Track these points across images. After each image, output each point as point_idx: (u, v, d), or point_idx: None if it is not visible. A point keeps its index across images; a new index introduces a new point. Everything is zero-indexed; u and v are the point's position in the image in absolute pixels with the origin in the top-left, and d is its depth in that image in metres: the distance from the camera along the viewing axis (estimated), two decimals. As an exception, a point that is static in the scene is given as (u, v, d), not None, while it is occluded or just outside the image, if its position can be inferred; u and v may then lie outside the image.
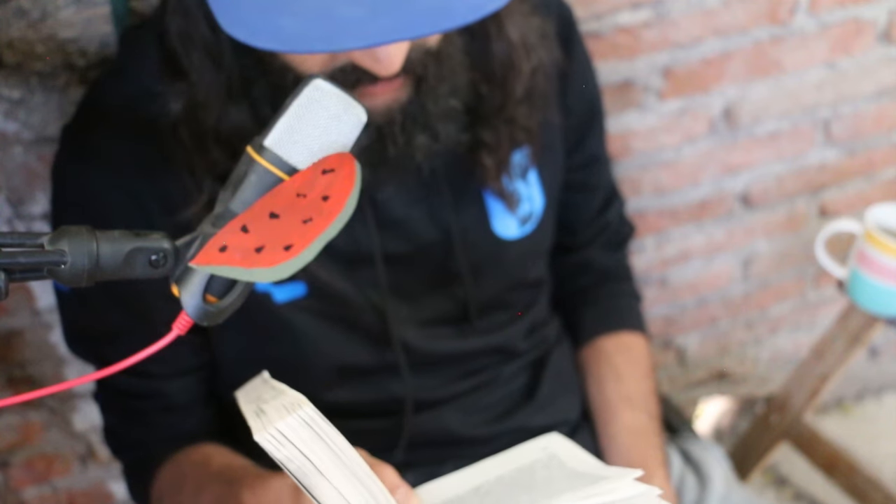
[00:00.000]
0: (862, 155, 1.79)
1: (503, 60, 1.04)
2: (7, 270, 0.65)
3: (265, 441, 0.72)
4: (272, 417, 0.73)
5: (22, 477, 1.47)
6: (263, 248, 0.67)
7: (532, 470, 0.93)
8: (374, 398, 1.12)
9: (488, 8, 0.79)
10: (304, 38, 0.78)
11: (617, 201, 1.29)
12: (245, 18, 0.79)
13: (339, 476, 0.73)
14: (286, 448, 0.72)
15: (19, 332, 1.35)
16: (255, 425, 0.74)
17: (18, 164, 1.23)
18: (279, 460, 0.73)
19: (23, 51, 1.14)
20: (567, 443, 0.96)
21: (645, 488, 0.80)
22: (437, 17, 0.78)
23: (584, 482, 0.84)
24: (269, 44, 0.78)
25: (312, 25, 0.78)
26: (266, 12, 0.78)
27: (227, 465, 1.05)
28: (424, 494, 0.94)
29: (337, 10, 0.78)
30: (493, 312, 1.15)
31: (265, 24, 0.78)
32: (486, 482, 0.94)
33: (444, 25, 0.79)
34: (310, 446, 0.72)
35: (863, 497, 1.64)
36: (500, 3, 0.79)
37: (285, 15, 0.78)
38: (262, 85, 0.95)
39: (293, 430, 0.72)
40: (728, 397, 1.96)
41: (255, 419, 0.77)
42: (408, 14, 0.77)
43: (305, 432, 0.72)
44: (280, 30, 0.78)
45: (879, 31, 1.66)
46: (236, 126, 0.95)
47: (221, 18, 0.80)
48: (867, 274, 1.39)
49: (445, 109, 0.98)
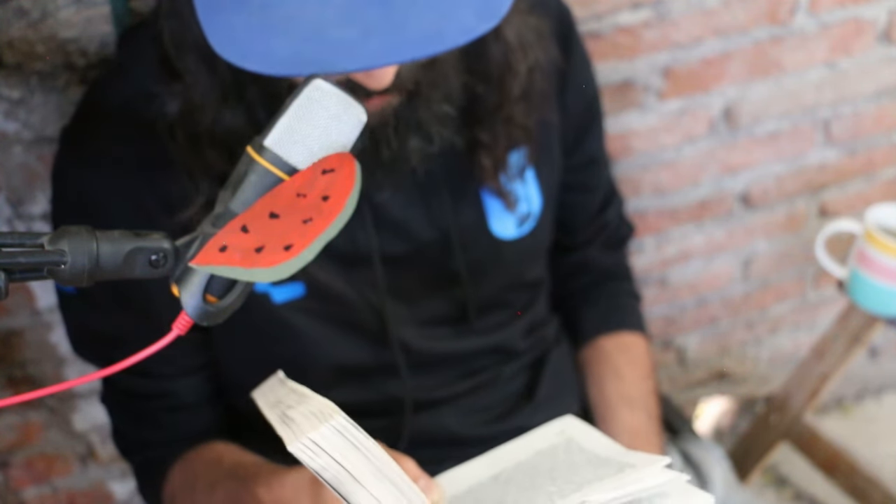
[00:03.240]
0: (862, 155, 1.79)
1: (499, 61, 1.04)
2: (7, 270, 0.65)
3: (299, 451, 0.72)
4: (303, 426, 0.74)
5: (22, 477, 1.47)
6: (263, 248, 0.67)
7: (553, 454, 0.92)
8: (373, 398, 1.12)
9: (479, 30, 0.80)
10: (296, 60, 0.78)
11: (616, 201, 1.29)
12: (237, 40, 0.79)
13: (375, 483, 0.74)
14: (321, 458, 0.72)
15: (19, 332, 1.35)
16: (286, 435, 0.75)
17: (18, 164, 1.23)
18: (314, 470, 0.73)
19: (23, 51, 1.14)
20: (583, 425, 0.95)
21: (674, 475, 0.80)
22: (428, 41, 0.79)
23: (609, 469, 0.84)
24: (261, 67, 0.79)
25: (304, 48, 0.78)
26: (258, 34, 0.79)
27: (239, 463, 1.05)
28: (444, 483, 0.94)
29: (329, 33, 0.78)
30: (491, 312, 1.15)
31: (257, 46, 0.79)
32: (505, 469, 0.93)
33: (435, 49, 0.79)
34: (344, 455, 0.73)
35: (863, 497, 1.64)
36: (491, 25, 0.80)
37: (277, 37, 0.78)
38: (256, 88, 0.95)
39: (327, 440, 0.72)
40: (728, 397, 1.96)
41: (283, 427, 0.77)
42: (399, 37, 0.78)
43: (339, 441, 0.72)
44: (272, 52, 0.78)
45: (879, 31, 1.66)
46: (231, 128, 0.95)
47: (213, 40, 0.80)
48: (867, 274, 1.39)
49: (439, 114, 0.99)
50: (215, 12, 0.80)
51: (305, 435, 0.72)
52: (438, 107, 0.98)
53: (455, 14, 0.79)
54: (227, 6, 0.80)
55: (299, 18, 0.78)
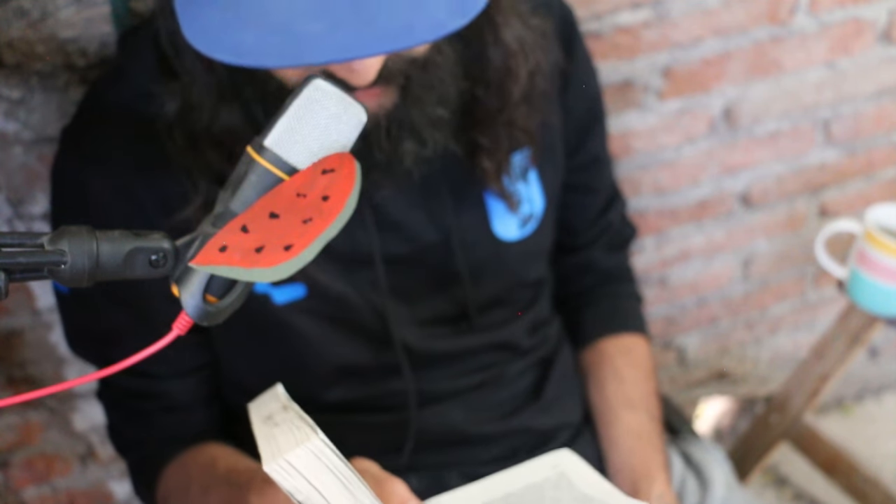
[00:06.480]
0: (862, 155, 1.79)
1: (499, 66, 1.03)
2: (7, 270, 0.65)
3: (273, 472, 0.73)
4: (282, 446, 0.74)
5: (22, 477, 1.47)
6: (263, 248, 0.67)
7: (541, 489, 0.93)
8: (378, 396, 1.12)
9: (450, 27, 0.80)
10: (262, 52, 0.79)
11: (619, 202, 1.29)
12: (208, 31, 0.80)
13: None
14: (294, 479, 0.73)
15: (19, 332, 1.35)
16: (265, 454, 0.75)
17: (18, 164, 1.23)
18: (287, 490, 0.74)
19: (23, 51, 1.14)
20: (578, 461, 0.95)
21: None
22: (397, 35, 0.79)
23: None
24: (228, 57, 0.79)
25: (272, 40, 0.79)
26: (228, 26, 0.80)
27: (233, 468, 1.05)
28: None
29: (297, 26, 0.78)
30: (493, 310, 1.15)
31: (227, 37, 0.79)
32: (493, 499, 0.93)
33: (403, 43, 0.79)
34: (318, 477, 0.73)
35: (863, 497, 1.64)
36: (462, 22, 0.80)
37: (247, 29, 0.79)
38: (252, 87, 0.95)
39: (302, 462, 0.73)
40: (728, 397, 1.96)
41: (265, 443, 0.77)
42: (368, 31, 0.78)
43: (314, 464, 0.73)
44: (240, 44, 0.79)
45: (879, 31, 1.66)
46: (229, 128, 0.96)
47: (186, 29, 0.81)
48: (867, 274, 1.39)
49: (432, 118, 0.98)
50: (191, 5, 0.81)
51: (282, 455, 0.73)
52: (432, 109, 0.98)
53: (426, 10, 0.80)
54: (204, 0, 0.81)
55: (269, 11, 0.79)
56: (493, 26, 1.02)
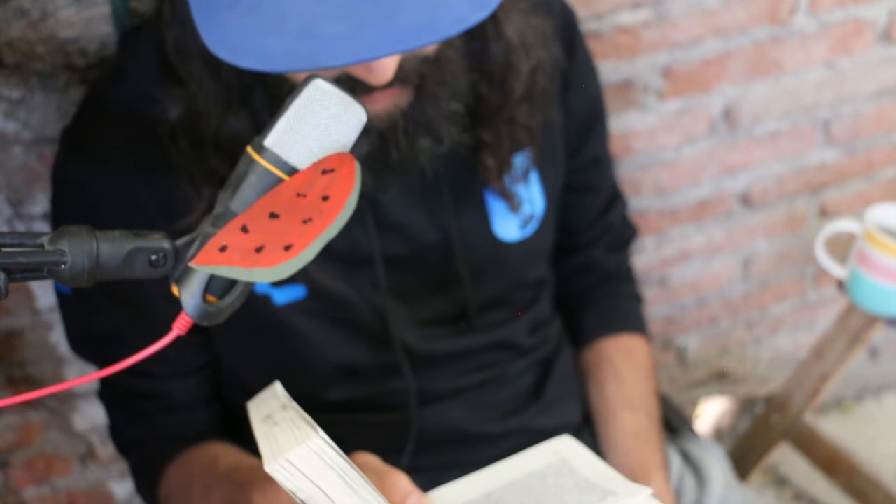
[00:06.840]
0: (862, 155, 1.79)
1: (502, 61, 1.03)
2: (7, 270, 0.65)
3: (275, 472, 0.73)
4: (282, 446, 0.74)
5: (22, 477, 1.47)
6: (263, 248, 0.67)
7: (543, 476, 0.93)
8: (378, 395, 1.12)
9: (472, 20, 0.79)
10: (289, 56, 0.78)
11: (620, 203, 1.29)
12: (230, 38, 0.79)
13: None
14: (296, 478, 0.73)
15: (19, 332, 1.35)
16: (266, 453, 0.75)
17: (18, 164, 1.23)
18: (290, 490, 0.74)
19: (23, 51, 1.14)
20: (579, 447, 0.95)
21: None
22: (420, 31, 0.78)
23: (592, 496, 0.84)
24: (254, 64, 0.78)
25: (297, 44, 0.78)
26: (251, 32, 0.79)
27: (235, 466, 1.05)
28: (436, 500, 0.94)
29: (321, 28, 0.78)
30: (493, 310, 1.15)
31: (250, 43, 0.79)
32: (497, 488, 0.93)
33: (427, 39, 0.79)
34: (320, 475, 0.73)
35: (863, 497, 1.64)
36: (484, 14, 0.80)
37: (270, 34, 0.78)
38: (261, 93, 0.95)
39: (303, 461, 0.72)
40: (728, 397, 1.96)
41: (265, 443, 0.77)
42: (391, 29, 0.78)
43: (315, 462, 0.73)
44: (265, 49, 0.78)
45: (879, 31, 1.66)
46: (236, 134, 0.95)
47: (207, 38, 0.80)
48: (867, 274, 1.39)
49: (447, 112, 0.98)
50: (210, 12, 0.80)
51: (283, 455, 0.72)
52: (447, 104, 0.98)
53: (447, 4, 0.79)
54: (222, 5, 0.80)
55: (292, 15, 0.78)
56: (495, 21, 1.02)
